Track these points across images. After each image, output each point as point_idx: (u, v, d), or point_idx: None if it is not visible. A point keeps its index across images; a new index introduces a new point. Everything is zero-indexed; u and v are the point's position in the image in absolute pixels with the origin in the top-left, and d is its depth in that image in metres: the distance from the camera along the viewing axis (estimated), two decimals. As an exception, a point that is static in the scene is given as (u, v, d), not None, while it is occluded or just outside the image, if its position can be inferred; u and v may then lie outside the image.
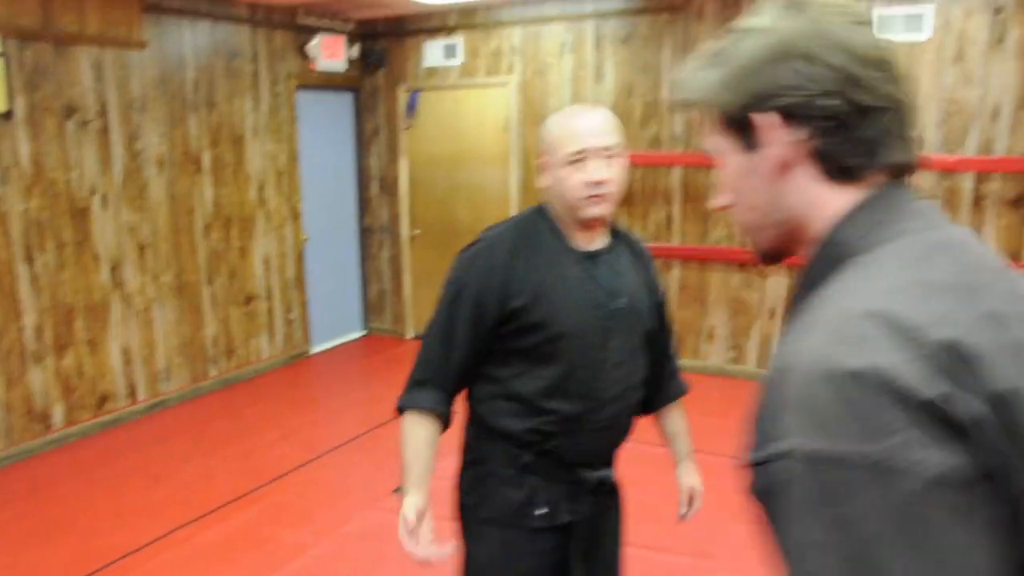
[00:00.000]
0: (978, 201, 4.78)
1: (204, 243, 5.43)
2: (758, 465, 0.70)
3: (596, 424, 1.76)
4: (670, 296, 5.72)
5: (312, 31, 6.03)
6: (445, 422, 1.80)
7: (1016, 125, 4.62)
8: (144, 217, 4.99)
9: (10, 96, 4.22)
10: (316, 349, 6.48)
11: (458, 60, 6.24)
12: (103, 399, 4.84)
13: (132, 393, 5.01)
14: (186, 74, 5.19)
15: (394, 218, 6.77)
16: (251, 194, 5.74)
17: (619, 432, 1.86)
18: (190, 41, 5.20)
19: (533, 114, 5.98)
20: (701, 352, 5.69)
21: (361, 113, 6.73)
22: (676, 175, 5.60)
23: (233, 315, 5.69)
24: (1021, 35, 4.56)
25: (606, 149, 1.67)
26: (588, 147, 1.66)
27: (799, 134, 0.80)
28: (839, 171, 0.80)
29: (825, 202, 0.82)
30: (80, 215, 4.62)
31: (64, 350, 4.61)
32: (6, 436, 4.36)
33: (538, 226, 1.77)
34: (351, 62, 6.44)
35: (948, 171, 4.79)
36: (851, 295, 0.72)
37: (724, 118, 0.85)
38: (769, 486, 0.68)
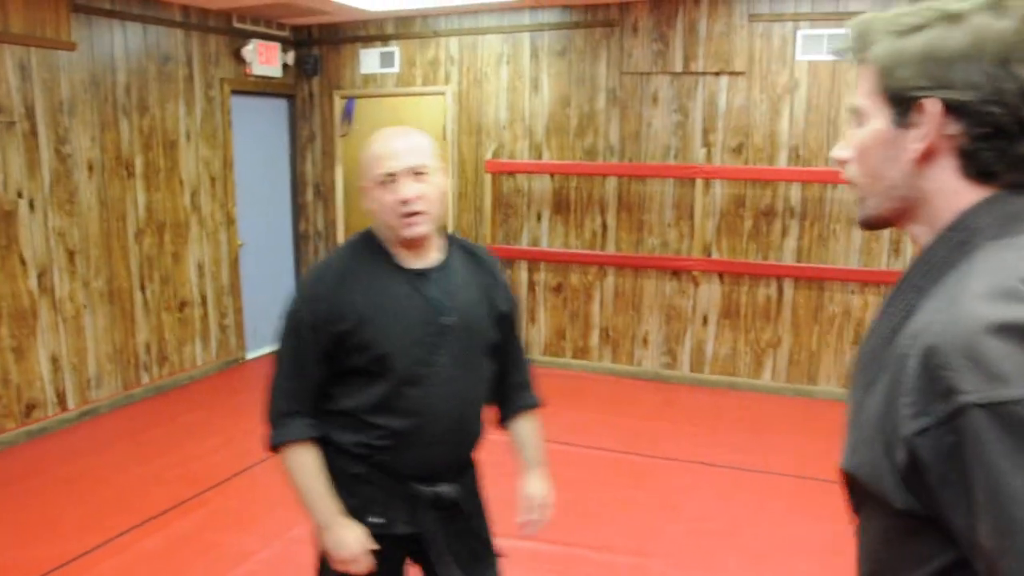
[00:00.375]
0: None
1: (136, 249, 5.32)
2: (923, 432, 0.73)
3: (428, 439, 1.79)
4: (605, 302, 5.87)
5: (247, 36, 5.99)
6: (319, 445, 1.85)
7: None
8: (74, 222, 4.87)
9: (-66, 95, 4.08)
10: (251, 355, 6.40)
11: (395, 68, 6.28)
12: (30, 407, 4.69)
13: (61, 401, 4.88)
14: (117, 77, 5.09)
15: (330, 224, 6.75)
16: (185, 199, 5.66)
17: (457, 447, 1.87)
18: (121, 43, 5.10)
19: (470, 123, 6.06)
20: (635, 357, 5.84)
21: (296, 119, 6.70)
22: (611, 185, 5.76)
23: (166, 321, 5.59)
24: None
25: (414, 168, 1.73)
26: (397, 169, 1.72)
27: (953, 128, 0.81)
28: (981, 173, 0.83)
29: (959, 195, 0.84)
30: (5, 219, 4.48)
31: (-11, 358, 4.46)
32: (-73, 447, 4.20)
33: (367, 249, 1.82)
34: (286, 68, 6.41)
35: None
36: (998, 269, 0.76)
37: (889, 90, 0.85)
38: (947, 448, 0.71)
